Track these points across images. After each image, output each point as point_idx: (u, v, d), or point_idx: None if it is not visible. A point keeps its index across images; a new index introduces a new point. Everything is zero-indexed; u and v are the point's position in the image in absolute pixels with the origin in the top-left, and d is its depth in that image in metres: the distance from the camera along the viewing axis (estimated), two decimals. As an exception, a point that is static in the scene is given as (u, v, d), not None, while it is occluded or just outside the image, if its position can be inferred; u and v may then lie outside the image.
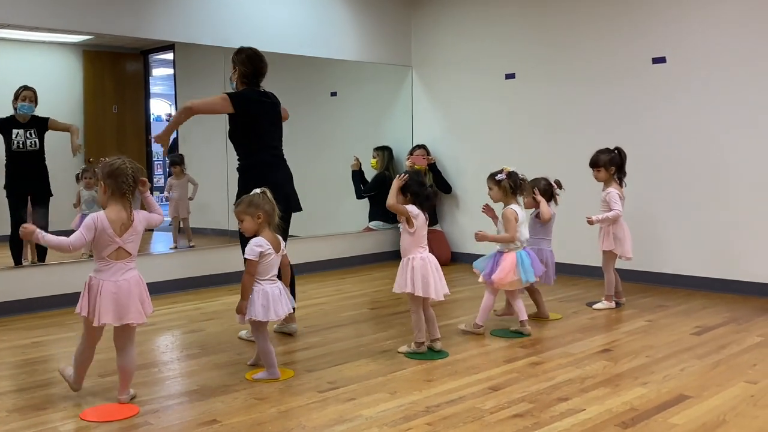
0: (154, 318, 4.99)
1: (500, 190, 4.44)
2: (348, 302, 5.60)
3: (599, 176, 5.13)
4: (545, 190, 4.86)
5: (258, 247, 3.52)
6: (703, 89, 5.70)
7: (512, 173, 4.44)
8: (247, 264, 3.52)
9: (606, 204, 5.06)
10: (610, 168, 5.08)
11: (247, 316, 3.52)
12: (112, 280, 3.13)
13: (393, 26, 7.62)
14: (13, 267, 5.51)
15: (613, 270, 5.15)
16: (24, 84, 5.64)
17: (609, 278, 5.15)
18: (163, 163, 7.66)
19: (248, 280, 3.53)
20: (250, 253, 3.50)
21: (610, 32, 6.21)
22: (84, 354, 3.31)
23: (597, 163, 5.12)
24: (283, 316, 3.62)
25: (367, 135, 8.03)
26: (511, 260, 4.37)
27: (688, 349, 4.06)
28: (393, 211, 3.95)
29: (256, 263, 3.52)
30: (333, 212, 8.00)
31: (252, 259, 3.50)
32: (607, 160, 5.08)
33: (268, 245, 3.55)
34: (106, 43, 6.46)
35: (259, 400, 3.32)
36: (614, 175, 5.10)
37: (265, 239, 3.56)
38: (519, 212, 4.41)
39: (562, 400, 3.25)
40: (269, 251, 3.55)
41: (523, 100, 6.84)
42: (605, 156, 5.10)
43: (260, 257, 3.52)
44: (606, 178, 5.11)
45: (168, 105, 7.83)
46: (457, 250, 7.41)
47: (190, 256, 6.45)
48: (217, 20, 6.25)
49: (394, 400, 3.29)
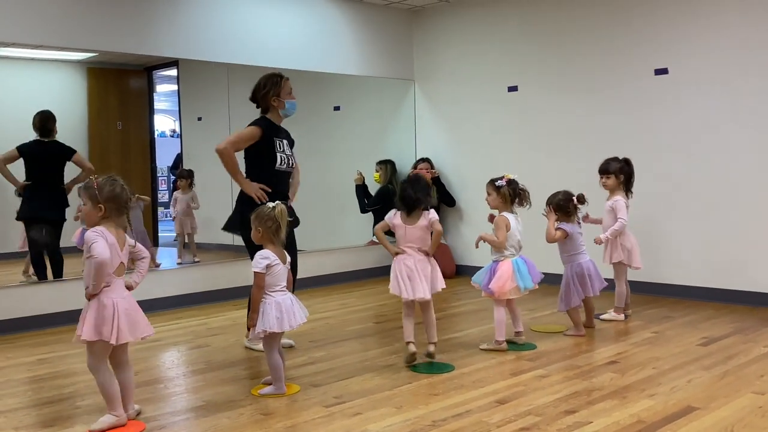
0: (160, 334, 4.99)
1: (499, 197, 4.44)
2: (353, 316, 5.60)
3: (608, 183, 5.11)
4: (560, 206, 4.73)
5: (264, 260, 3.53)
6: (706, 100, 5.71)
7: (512, 181, 4.43)
8: (255, 277, 3.53)
9: (611, 212, 5.04)
10: (620, 176, 5.08)
11: (260, 328, 3.52)
12: (123, 297, 3.13)
13: (395, 40, 7.66)
14: (16, 285, 5.54)
15: (625, 281, 5.13)
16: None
17: (620, 290, 5.12)
18: (168, 179, 7.68)
19: (257, 292, 3.54)
20: (257, 266, 3.52)
21: (612, 44, 6.23)
22: (111, 378, 3.16)
23: (607, 170, 5.10)
24: (297, 327, 3.61)
25: (370, 149, 8.04)
26: (506, 268, 4.36)
27: (695, 361, 4.05)
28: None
29: (263, 276, 3.53)
30: (337, 226, 8.01)
31: (259, 272, 3.52)
32: (618, 168, 5.08)
33: (274, 257, 3.56)
34: (110, 60, 6.50)
35: (265, 415, 3.31)
36: (622, 184, 5.10)
37: (271, 252, 3.58)
38: (512, 220, 4.41)
39: (569, 413, 3.24)
40: (275, 263, 3.56)
41: (526, 113, 6.86)
42: (616, 164, 5.10)
43: (267, 269, 3.53)
44: (614, 187, 5.10)
45: (172, 121, 7.87)
46: (461, 263, 7.41)
47: (196, 272, 6.45)
48: (220, 37, 6.28)
49: (400, 414, 3.28)
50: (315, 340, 4.75)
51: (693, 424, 3.07)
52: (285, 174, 4.55)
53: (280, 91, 4.49)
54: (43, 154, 5.68)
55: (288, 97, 4.52)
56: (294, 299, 3.65)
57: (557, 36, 6.60)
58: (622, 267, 5.11)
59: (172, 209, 6.96)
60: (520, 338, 4.50)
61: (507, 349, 4.37)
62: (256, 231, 3.61)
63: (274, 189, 4.40)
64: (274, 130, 4.52)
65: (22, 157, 5.61)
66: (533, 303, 5.61)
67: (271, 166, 4.46)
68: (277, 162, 4.46)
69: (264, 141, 4.44)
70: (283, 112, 4.53)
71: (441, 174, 7.57)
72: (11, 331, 5.12)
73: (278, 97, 4.49)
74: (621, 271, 5.13)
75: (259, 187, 4.39)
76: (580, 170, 5.47)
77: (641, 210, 5.71)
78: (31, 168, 5.65)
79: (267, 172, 4.47)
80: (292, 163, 4.58)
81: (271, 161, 4.45)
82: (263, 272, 3.52)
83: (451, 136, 7.58)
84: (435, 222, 4.02)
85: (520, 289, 4.35)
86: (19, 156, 5.60)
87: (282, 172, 4.51)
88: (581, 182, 5.31)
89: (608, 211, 5.08)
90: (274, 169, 4.46)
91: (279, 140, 4.51)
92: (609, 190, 5.13)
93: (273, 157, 4.45)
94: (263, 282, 3.54)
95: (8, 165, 5.60)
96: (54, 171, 5.73)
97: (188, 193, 6.85)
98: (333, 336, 4.88)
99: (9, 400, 3.63)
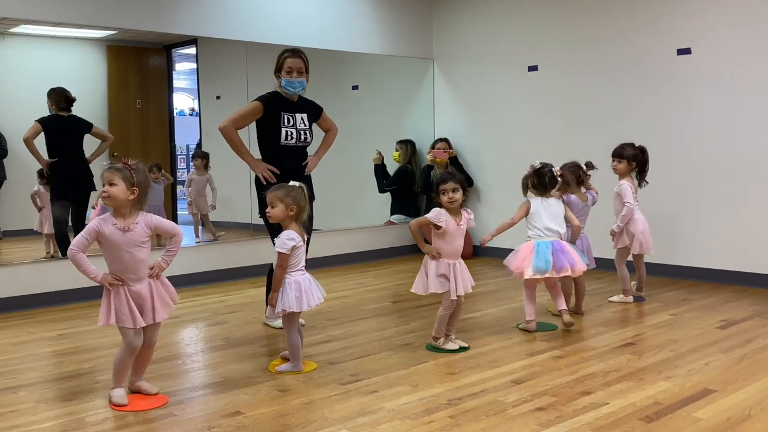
0: (179, 311, 5.03)
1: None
2: (370, 295, 5.62)
3: (619, 168, 5.07)
4: (572, 173, 4.75)
5: (290, 241, 3.53)
6: (729, 80, 5.63)
7: (539, 170, 4.41)
8: (280, 257, 3.53)
9: (617, 198, 5.00)
10: (632, 163, 5.03)
11: (279, 308, 3.54)
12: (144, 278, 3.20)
13: (414, 19, 7.61)
14: (38, 260, 5.63)
15: (624, 265, 5.07)
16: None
17: (622, 273, 5.08)
18: (186, 158, 7.70)
19: (280, 272, 3.55)
20: (282, 247, 3.52)
21: (634, 23, 6.15)
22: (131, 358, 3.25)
23: (621, 154, 5.06)
24: (315, 306, 3.62)
25: (389, 128, 8.02)
26: (526, 248, 4.36)
27: (713, 343, 4.03)
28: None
29: (287, 256, 3.53)
30: (355, 206, 8.01)
31: (284, 252, 3.52)
32: (632, 155, 5.04)
33: (299, 238, 3.57)
34: (130, 38, 6.51)
35: (282, 392, 3.34)
36: (632, 171, 5.05)
37: (296, 233, 3.58)
38: (538, 203, 4.40)
39: (585, 394, 3.24)
40: (300, 243, 3.57)
41: (547, 93, 6.80)
42: (631, 150, 5.05)
43: (292, 250, 3.54)
44: (624, 172, 5.05)
45: (191, 99, 7.88)
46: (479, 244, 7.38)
47: (214, 250, 6.50)
48: (239, 15, 6.28)
49: (416, 392, 3.30)
50: (332, 318, 4.78)
51: (710, 407, 3.06)
52: (294, 149, 4.45)
53: (280, 67, 4.44)
54: (66, 127, 5.69)
55: (285, 75, 4.40)
56: (312, 279, 3.66)
57: (578, 15, 6.52)
58: (623, 251, 5.07)
59: (186, 190, 6.96)
60: (565, 317, 4.37)
61: (535, 329, 4.36)
62: (288, 209, 3.56)
63: (281, 166, 4.36)
64: (281, 103, 4.42)
65: (44, 132, 5.60)
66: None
67: (276, 141, 4.40)
68: (282, 137, 4.38)
69: (267, 115, 4.39)
70: (282, 90, 4.45)
71: (459, 154, 7.54)
72: (33, 306, 5.19)
73: (278, 74, 4.44)
74: (621, 254, 5.08)
75: (267, 168, 4.37)
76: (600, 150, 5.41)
77: (661, 191, 5.67)
78: (54, 143, 5.65)
79: (271, 148, 4.43)
80: (305, 137, 4.49)
81: (276, 136, 4.38)
82: (288, 253, 3.53)
83: (469, 116, 7.55)
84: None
85: (534, 269, 4.29)
86: (41, 129, 5.57)
87: (290, 147, 4.44)
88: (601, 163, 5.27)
89: (615, 197, 5.04)
90: (279, 144, 4.40)
91: (288, 114, 4.42)
92: (618, 175, 5.08)
93: (278, 131, 4.37)
94: (287, 263, 3.54)
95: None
96: (77, 144, 5.77)
97: (204, 175, 6.84)
98: (350, 315, 4.91)
99: (30, 374, 3.68)
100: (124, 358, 3.18)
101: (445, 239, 3.89)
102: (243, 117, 4.43)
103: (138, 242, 3.12)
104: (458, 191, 3.86)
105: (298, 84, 4.42)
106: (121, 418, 3.04)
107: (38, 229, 5.87)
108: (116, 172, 3.09)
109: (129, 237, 3.11)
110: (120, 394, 3.18)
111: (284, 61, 4.42)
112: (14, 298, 5.19)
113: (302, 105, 4.54)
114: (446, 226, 3.86)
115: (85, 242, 3.10)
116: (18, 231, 6.12)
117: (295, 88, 4.43)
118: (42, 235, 5.87)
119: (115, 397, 3.18)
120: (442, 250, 3.89)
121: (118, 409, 3.12)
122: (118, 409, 3.12)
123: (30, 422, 3.01)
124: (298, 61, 4.41)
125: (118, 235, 3.09)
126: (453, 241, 3.90)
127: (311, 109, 4.59)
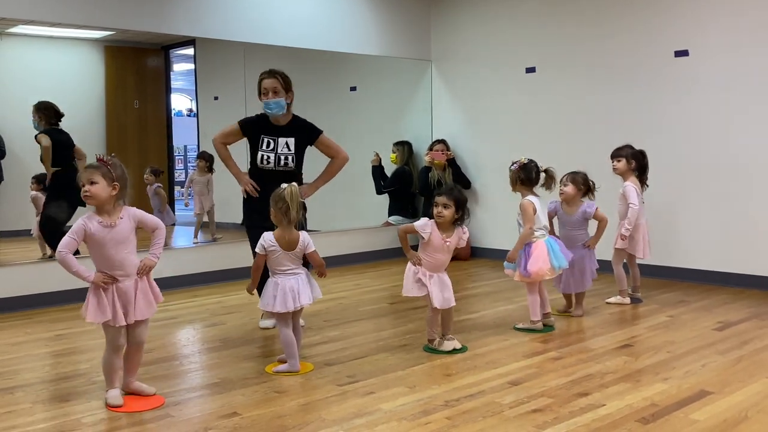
0: (176, 311, 5.04)
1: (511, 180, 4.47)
2: (367, 297, 5.61)
3: (618, 167, 5.07)
4: (584, 183, 4.70)
5: (263, 242, 3.64)
6: (726, 83, 5.64)
7: (526, 165, 4.40)
8: (254, 255, 3.72)
9: (623, 198, 5.00)
10: (631, 161, 5.04)
11: (260, 306, 3.71)
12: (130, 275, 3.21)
13: (412, 20, 7.61)
14: (35, 261, 5.60)
15: (621, 266, 5.08)
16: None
17: (618, 274, 5.08)
18: (184, 158, 7.70)
19: (253, 268, 3.72)
20: (256, 247, 3.67)
21: (631, 25, 6.16)
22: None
23: (619, 153, 5.07)
24: (293, 309, 3.62)
25: (387, 130, 8.03)
26: (542, 249, 4.32)
27: (710, 345, 4.03)
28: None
29: (261, 256, 3.67)
30: (353, 207, 8.01)
31: (257, 252, 3.67)
32: (630, 153, 5.04)
33: (273, 242, 3.63)
34: (128, 39, 6.51)
35: (279, 393, 3.34)
36: (633, 170, 5.05)
37: (275, 236, 3.64)
38: (536, 202, 4.38)
39: (582, 396, 3.24)
40: (272, 248, 3.63)
41: (544, 94, 6.81)
42: (629, 149, 5.07)
43: (264, 251, 3.64)
44: (624, 171, 5.05)
45: (189, 100, 7.88)
46: (477, 246, 7.39)
47: (212, 251, 6.49)
48: (237, 16, 6.27)
49: (413, 394, 3.30)
50: (329, 319, 4.78)
51: (707, 408, 3.07)
52: (272, 173, 4.37)
53: (258, 89, 4.43)
54: (67, 140, 5.65)
55: (262, 97, 4.40)
56: (302, 281, 3.67)
57: (576, 17, 6.53)
58: (620, 253, 5.08)
59: (186, 189, 6.97)
60: (549, 319, 4.49)
61: (543, 329, 4.37)
62: (271, 211, 3.65)
63: (262, 187, 4.35)
64: (263, 127, 4.42)
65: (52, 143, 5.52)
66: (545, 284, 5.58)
67: (254, 163, 4.49)
68: (257, 160, 4.44)
69: (248, 137, 4.47)
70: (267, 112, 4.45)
71: (457, 156, 7.54)
72: (30, 307, 5.19)
73: (259, 96, 4.44)
74: (618, 255, 5.09)
75: (250, 181, 4.44)
76: (598, 152, 5.43)
77: (659, 193, 5.67)
78: (61, 155, 5.57)
79: (253, 168, 4.52)
80: (285, 162, 4.41)
81: (253, 158, 4.48)
82: (261, 253, 3.65)
83: (467, 117, 7.55)
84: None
85: (554, 269, 4.33)
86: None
87: (266, 171, 4.42)
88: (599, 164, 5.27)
89: (620, 197, 5.04)
90: (257, 166, 4.46)
91: (269, 138, 4.40)
92: (620, 174, 5.08)
93: (254, 154, 4.45)
94: (261, 261, 3.68)
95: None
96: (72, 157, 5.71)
97: (205, 176, 6.85)
98: (347, 316, 4.91)
99: (27, 374, 3.68)
100: (109, 358, 3.20)
101: (426, 251, 3.92)
102: (227, 135, 4.53)
103: (124, 236, 3.15)
104: (448, 208, 3.83)
105: (274, 105, 4.37)
106: (117, 419, 3.04)
107: (34, 234, 5.84)
108: (95, 170, 3.09)
109: (116, 232, 3.12)
110: (114, 395, 3.18)
111: (260, 82, 4.41)
112: (12, 298, 5.18)
113: (291, 129, 4.47)
114: (430, 238, 3.87)
115: (74, 243, 3.11)
116: (15, 231, 6.12)
117: (272, 109, 4.38)
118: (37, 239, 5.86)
119: (109, 398, 3.18)
120: (423, 261, 3.91)
121: (114, 410, 3.12)
122: (114, 410, 3.12)
123: (26, 423, 3.01)
124: (272, 81, 4.36)
125: (105, 232, 3.10)
126: (434, 255, 3.91)
127: (303, 133, 4.50)
